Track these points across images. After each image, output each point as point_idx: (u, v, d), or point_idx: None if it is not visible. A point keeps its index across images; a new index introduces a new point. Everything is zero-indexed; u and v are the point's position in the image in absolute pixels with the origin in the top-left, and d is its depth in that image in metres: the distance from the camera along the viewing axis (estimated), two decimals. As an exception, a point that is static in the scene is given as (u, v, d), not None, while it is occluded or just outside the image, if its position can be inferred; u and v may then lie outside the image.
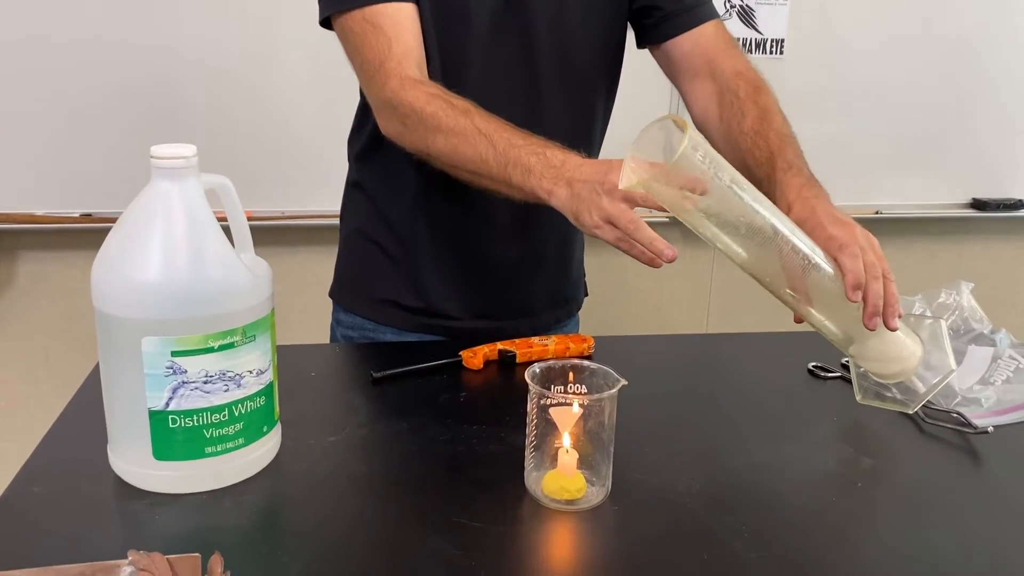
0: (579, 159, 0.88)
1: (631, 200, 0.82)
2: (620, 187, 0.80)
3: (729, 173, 0.79)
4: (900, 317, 0.87)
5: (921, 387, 0.92)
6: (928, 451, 0.88)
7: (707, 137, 1.13)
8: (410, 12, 1.01)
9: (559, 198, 0.87)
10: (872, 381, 0.96)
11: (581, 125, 1.14)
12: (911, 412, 0.93)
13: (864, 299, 0.84)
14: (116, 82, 1.87)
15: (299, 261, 2.03)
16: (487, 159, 0.92)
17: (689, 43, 1.12)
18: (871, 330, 0.85)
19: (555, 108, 1.10)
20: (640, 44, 1.17)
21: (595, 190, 0.83)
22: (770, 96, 1.07)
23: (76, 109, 1.87)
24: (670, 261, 0.82)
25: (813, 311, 0.88)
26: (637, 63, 1.20)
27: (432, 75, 1.03)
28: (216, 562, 0.59)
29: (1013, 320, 2.46)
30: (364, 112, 1.12)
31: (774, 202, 0.97)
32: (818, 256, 0.85)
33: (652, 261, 0.83)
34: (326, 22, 1.05)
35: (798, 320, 0.91)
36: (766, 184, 0.99)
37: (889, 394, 0.95)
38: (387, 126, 1.01)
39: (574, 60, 1.10)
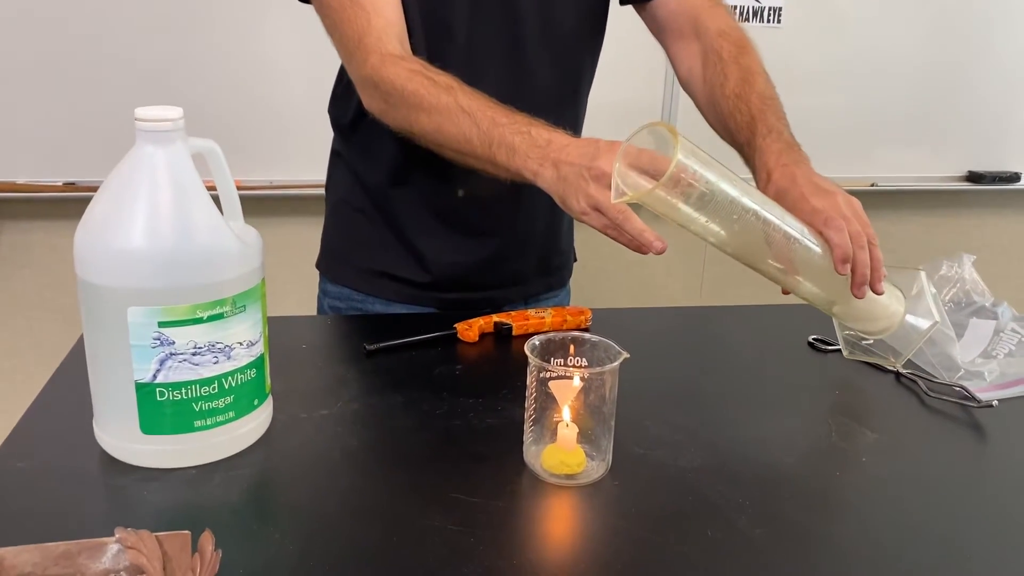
0: (565, 138, 0.85)
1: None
2: (612, 202, 0.77)
3: (718, 171, 0.77)
4: (884, 278, 0.87)
5: (906, 340, 0.92)
6: (932, 425, 0.87)
7: (691, 99, 1.11)
8: None
9: (545, 180, 0.84)
10: (858, 337, 0.96)
11: (567, 85, 1.12)
12: (898, 367, 0.94)
13: (852, 270, 0.84)
14: (100, 48, 1.83)
15: (288, 232, 2.01)
16: (471, 138, 0.89)
17: (674, 2, 1.10)
18: (860, 298, 0.85)
19: (541, 69, 1.08)
20: (623, 1, 1.14)
21: (582, 175, 0.81)
22: (753, 56, 1.05)
23: (59, 75, 1.83)
24: (659, 253, 0.80)
25: (800, 281, 0.87)
26: (623, 19, 1.17)
27: (416, 43, 1.01)
28: (207, 539, 0.57)
29: (1009, 293, 2.45)
30: (349, 83, 1.09)
31: (753, 169, 0.97)
32: (806, 237, 0.84)
33: (640, 249, 0.81)
34: None
35: (785, 292, 0.89)
36: (747, 149, 0.99)
37: (876, 349, 0.96)
38: (370, 103, 0.98)
39: (558, 19, 1.07)
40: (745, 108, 0.99)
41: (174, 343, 0.69)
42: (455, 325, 1.00)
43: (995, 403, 0.89)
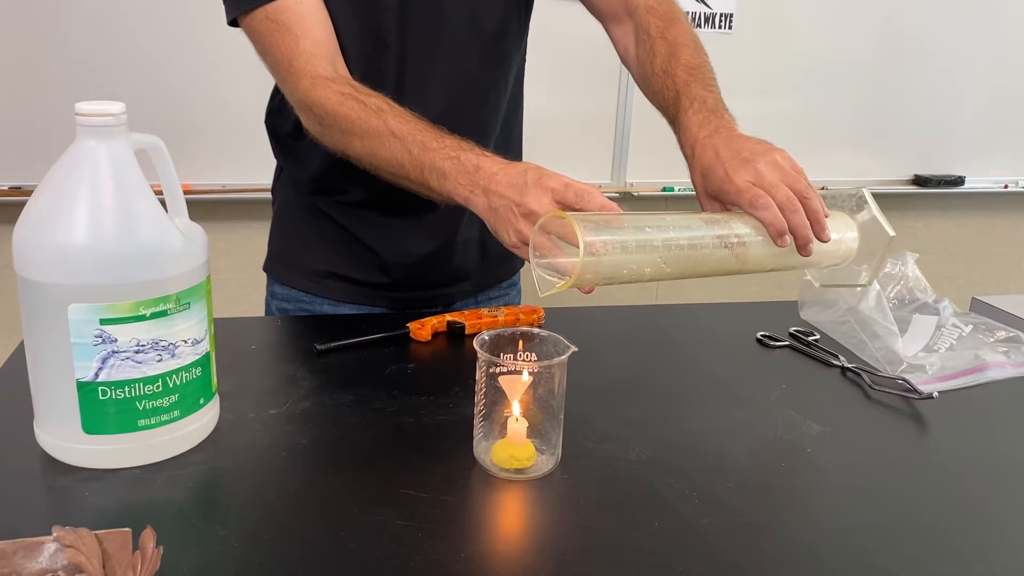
0: (494, 165, 0.84)
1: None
2: (541, 295, 0.77)
3: (633, 236, 0.76)
4: (827, 216, 0.85)
5: (869, 259, 0.92)
6: (875, 416, 0.89)
7: (633, 79, 1.12)
8: (314, 4, 0.97)
9: (477, 207, 0.84)
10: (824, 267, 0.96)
11: (498, 75, 1.13)
12: (868, 286, 0.96)
13: (792, 233, 0.83)
14: (47, 49, 1.79)
15: (241, 236, 1.98)
16: (403, 163, 0.89)
17: None
18: (808, 256, 0.84)
19: (471, 65, 1.08)
20: None
21: (511, 210, 0.80)
22: (681, 28, 1.05)
23: (3, 78, 1.79)
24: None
25: (751, 265, 0.85)
26: (576, 26, 1.18)
27: (352, 54, 1.01)
28: (148, 537, 0.56)
29: (952, 292, 2.51)
30: (284, 98, 1.08)
31: (680, 144, 0.95)
32: (739, 230, 0.82)
33: None
34: (234, 23, 1.01)
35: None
36: (674, 127, 0.98)
37: (843, 274, 0.95)
38: (308, 125, 0.99)
39: (483, 17, 1.08)
40: (671, 84, 0.99)
41: (116, 341, 0.68)
42: (408, 324, 1.00)
43: (935, 395, 0.91)
